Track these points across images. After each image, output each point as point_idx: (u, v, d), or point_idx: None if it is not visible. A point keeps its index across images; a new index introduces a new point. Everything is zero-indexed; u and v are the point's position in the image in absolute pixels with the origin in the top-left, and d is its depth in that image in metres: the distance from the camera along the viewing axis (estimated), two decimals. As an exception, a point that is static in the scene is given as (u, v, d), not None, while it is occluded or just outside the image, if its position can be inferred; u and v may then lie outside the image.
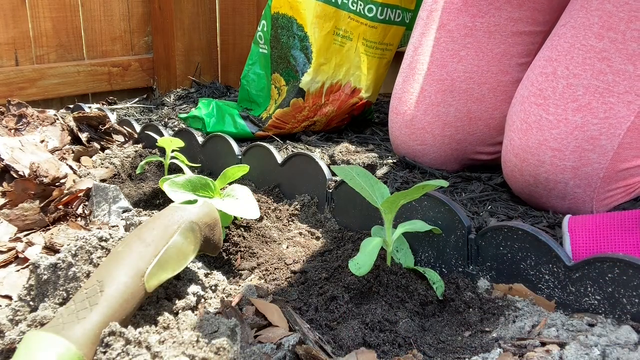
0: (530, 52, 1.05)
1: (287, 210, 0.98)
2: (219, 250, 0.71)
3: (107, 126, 1.39)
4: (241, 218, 0.90)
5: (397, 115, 1.12)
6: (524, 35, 1.04)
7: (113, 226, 0.93)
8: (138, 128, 1.39)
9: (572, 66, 0.87)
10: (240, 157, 1.11)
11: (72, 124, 1.37)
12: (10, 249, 0.85)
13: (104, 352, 0.49)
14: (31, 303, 0.63)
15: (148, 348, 0.50)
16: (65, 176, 1.10)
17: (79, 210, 1.00)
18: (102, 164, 1.23)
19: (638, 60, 0.84)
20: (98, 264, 0.64)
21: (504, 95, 1.05)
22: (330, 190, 0.95)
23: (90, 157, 1.28)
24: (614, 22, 0.84)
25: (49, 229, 0.94)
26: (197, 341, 0.51)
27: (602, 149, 0.85)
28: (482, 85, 1.05)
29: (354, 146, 1.22)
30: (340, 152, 1.15)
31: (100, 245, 0.66)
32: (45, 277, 0.63)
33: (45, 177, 1.05)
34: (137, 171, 1.10)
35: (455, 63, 1.05)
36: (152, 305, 0.61)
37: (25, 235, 0.91)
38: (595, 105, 0.85)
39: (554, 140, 0.87)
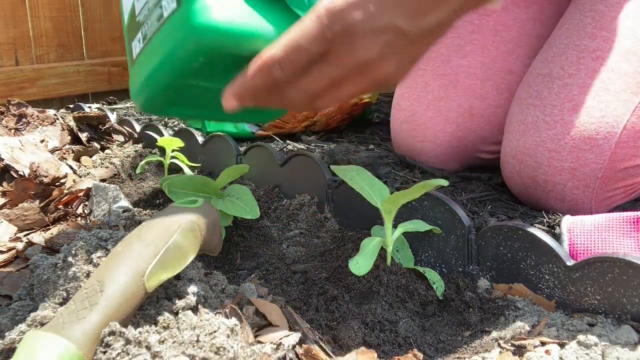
0: (537, 54, 1.05)
1: (287, 210, 0.98)
2: (219, 250, 0.71)
3: (107, 126, 1.39)
4: (241, 218, 0.90)
5: (399, 111, 1.12)
6: (531, 37, 1.04)
7: (113, 226, 0.93)
8: (138, 128, 1.38)
9: (567, 66, 0.87)
10: (240, 157, 1.11)
11: (72, 123, 1.37)
12: (10, 249, 0.85)
13: (104, 352, 0.49)
14: (31, 303, 0.63)
15: (148, 348, 0.50)
16: (65, 176, 1.10)
17: (79, 210, 1.00)
18: (102, 163, 1.23)
19: (632, 58, 0.84)
20: (98, 264, 0.64)
21: (507, 93, 1.05)
22: (330, 190, 0.95)
23: (90, 157, 1.28)
24: (606, 22, 0.85)
25: (49, 229, 0.94)
26: (197, 341, 0.51)
27: (599, 149, 0.85)
28: (486, 82, 1.05)
29: (354, 146, 1.22)
30: (340, 152, 1.15)
31: (100, 245, 0.66)
32: (45, 277, 0.63)
33: (45, 177, 1.05)
34: (137, 171, 1.10)
35: (460, 58, 1.05)
36: (152, 305, 0.61)
37: (25, 235, 0.91)
38: (591, 105, 0.85)
39: (551, 141, 0.86)
